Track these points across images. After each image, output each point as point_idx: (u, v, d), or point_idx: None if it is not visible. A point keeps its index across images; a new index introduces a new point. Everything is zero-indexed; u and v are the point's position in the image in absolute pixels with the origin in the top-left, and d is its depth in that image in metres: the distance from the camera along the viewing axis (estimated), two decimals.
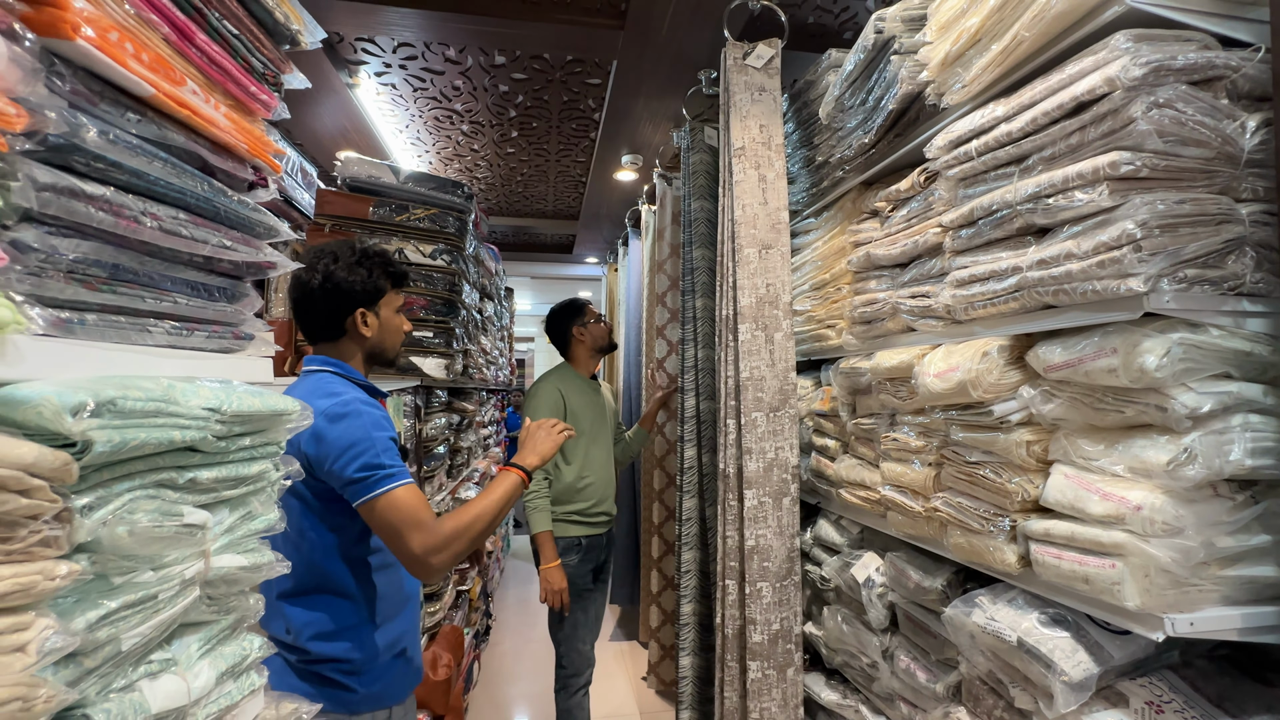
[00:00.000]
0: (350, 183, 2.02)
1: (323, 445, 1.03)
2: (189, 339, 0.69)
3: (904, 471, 1.37)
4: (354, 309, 1.16)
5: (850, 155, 1.58)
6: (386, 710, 1.12)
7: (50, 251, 0.50)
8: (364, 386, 1.16)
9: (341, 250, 1.16)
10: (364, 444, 1.02)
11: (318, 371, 1.14)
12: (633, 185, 3.77)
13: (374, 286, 1.17)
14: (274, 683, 1.05)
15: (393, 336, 1.23)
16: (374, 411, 1.08)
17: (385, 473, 1.02)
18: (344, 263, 1.14)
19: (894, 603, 1.46)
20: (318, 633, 1.06)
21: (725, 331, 1.80)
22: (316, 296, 1.13)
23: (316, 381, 1.11)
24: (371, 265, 1.17)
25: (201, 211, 0.69)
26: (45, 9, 0.49)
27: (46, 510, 0.44)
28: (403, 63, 2.49)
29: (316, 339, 1.17)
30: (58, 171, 0.50)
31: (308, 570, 1.07)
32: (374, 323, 1.18)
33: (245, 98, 0.76)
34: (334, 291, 1.13)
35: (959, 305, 1.20)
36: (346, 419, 1.03)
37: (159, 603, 0.56)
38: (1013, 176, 1.07)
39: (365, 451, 1.02)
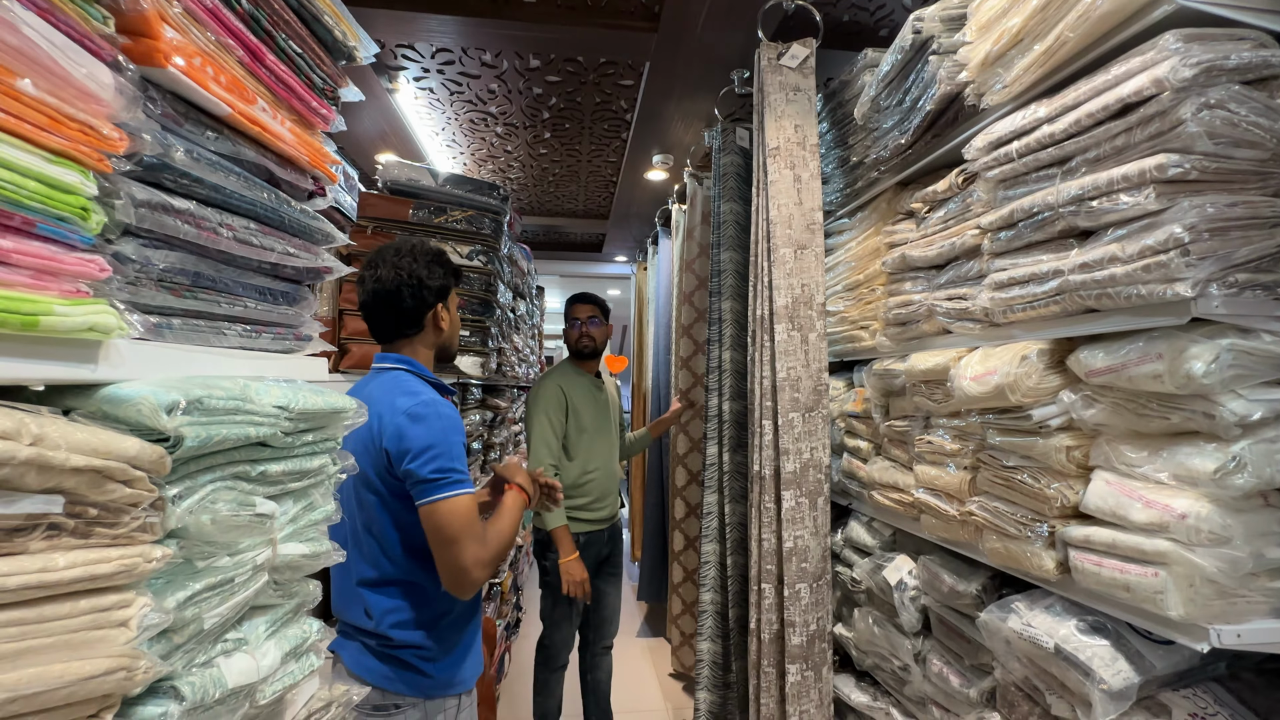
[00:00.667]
0: (391, 186, 2.08)
1: (403, 442, 1.05)
2: (258, 340, 0.74)
3: (938, 475, 1.36)
4: (435, 305, 1.21)
5: (886, 156, 1.57)
6: (456, 697, 1.16)
7: (145, 262, 0.54)
8: (435, 385, 1.19)
9: (417, 249, 1.20)
10: (442, 446, 1.05)
11: (392, 370, 1.16)
12: (663, 185, 3.79)
13: (447, 284, 1.23)
14: (353, 663, 1.13)
15: (456, 331, 1.29)
16: (452, 414, 1.11)
17: (457, 477, 1.05)
18: (421, 261, 1.19)
19: (927, 606, 1.45)
20: (398, 621, 1.10)
21: (760, 332, 1.81)
22: (404, 294, 1.16)
23: (394, 379, 1.13)
24: (444, 263, 1.23)
25: (269, 221, 0.74)
26: (142, 40, 0.53)
27: (145, 499, 0.49)
28: (440, 67, 2.56)
29: (391, 337, 1.20)
30: (151, 189, 0.55)
31: (390, 561, 1.11)
32: (446, 318, 1.24)
33: (307, 112, 0.81)
34: (419, 288, 1.17)
35: (997, 308, 1.18)
36: (427, 420, 1.06)
37: (235, 586, 0.61)
38: (1055, 178, 1.05)
39: (442, 454, 1.05)
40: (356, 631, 1.14)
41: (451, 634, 1.16)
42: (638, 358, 4.73)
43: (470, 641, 1.20)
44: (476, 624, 1.24)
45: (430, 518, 1.04)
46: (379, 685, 1.10)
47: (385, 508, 1.11)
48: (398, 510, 1.10)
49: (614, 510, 2.27)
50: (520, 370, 3.40)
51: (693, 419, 2.90)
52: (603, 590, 2.27)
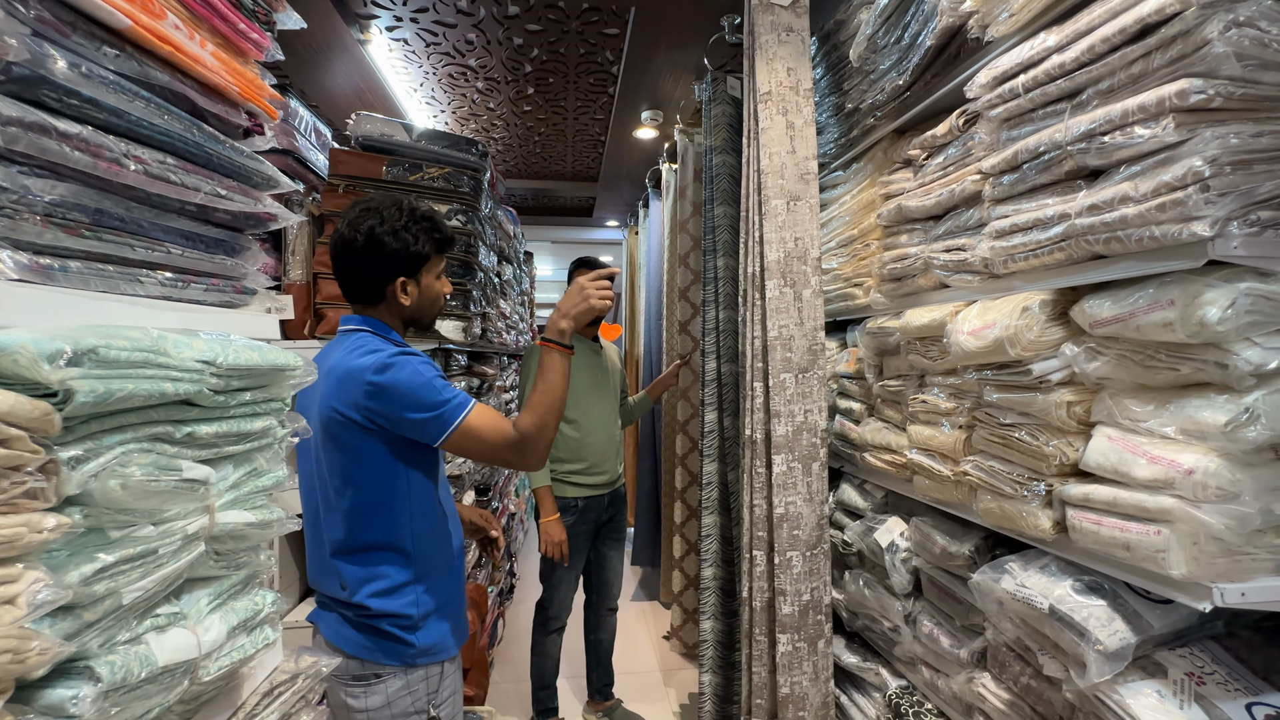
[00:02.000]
0: (363, 141, 1.98)
1: (386, 399, 1.01)
2: (185, 291, 0.67)
3: (933, 435, 1.31)
4: (395, 277, 1.10)
5: (883, 100, 1.48)
6: (439, 664, 1.13)
7: (22, 192, 0.47)
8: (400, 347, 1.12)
9: (388, 211, 1.09)
10: (424, 387, 1.02)
11: (355, 331, 1.10)
12: (653, 144, 3.66)
13: (418, 253, 1.11)
14: (330, 634, 1.10)
15: (432, 304, 1.18)
16: (421, 356, 1.07)
17: (454, 404, 1.03)
18: (389, 225, 1.07)
19: (918, 568, 1.42)
20: (375, 590, 1.06)
21: (751, 289, 1.74)
22: (359, 258, 1.07)
23: (356, 340, 1.07)
24: (418, 230, 1.10)
25: (192, 157, 0.66)
26: None
27: (29, 461, 0.43)
28: (414, 15, 2.41)
29: (354, 300, 1.13)
30: (26, 106, 0.47)
31: (362, 527, 1.07)
32: (414, 291, 1.13)
33: (235, 36, 0.72)
34: (376, 255, 1.07)
35: (998, 258, 1.12)
36: (395, 368, 1.02)
37: (161, 557, 0.55)
38: (1064, 114, 0.97)
39: (427, 392, 1.02)
40: (333, 602, 1.11)
41: (431, 600, 1.12)
42: (630, 324, 4.65)
43: (451, 606, 1.17)
44: (457, 588, 1.20)
45: (456, 447, 1.04)
46: (357, 655, 1.07)
47: (354, 471, 1.06)
48: (367, 472, 1.06)
49: (614, 475, 2.24)
50: (509, 337, 3.33)
51: (694, 383, 2.85)
52: (605, 554, 2.27)
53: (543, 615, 2.24)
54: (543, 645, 2.25)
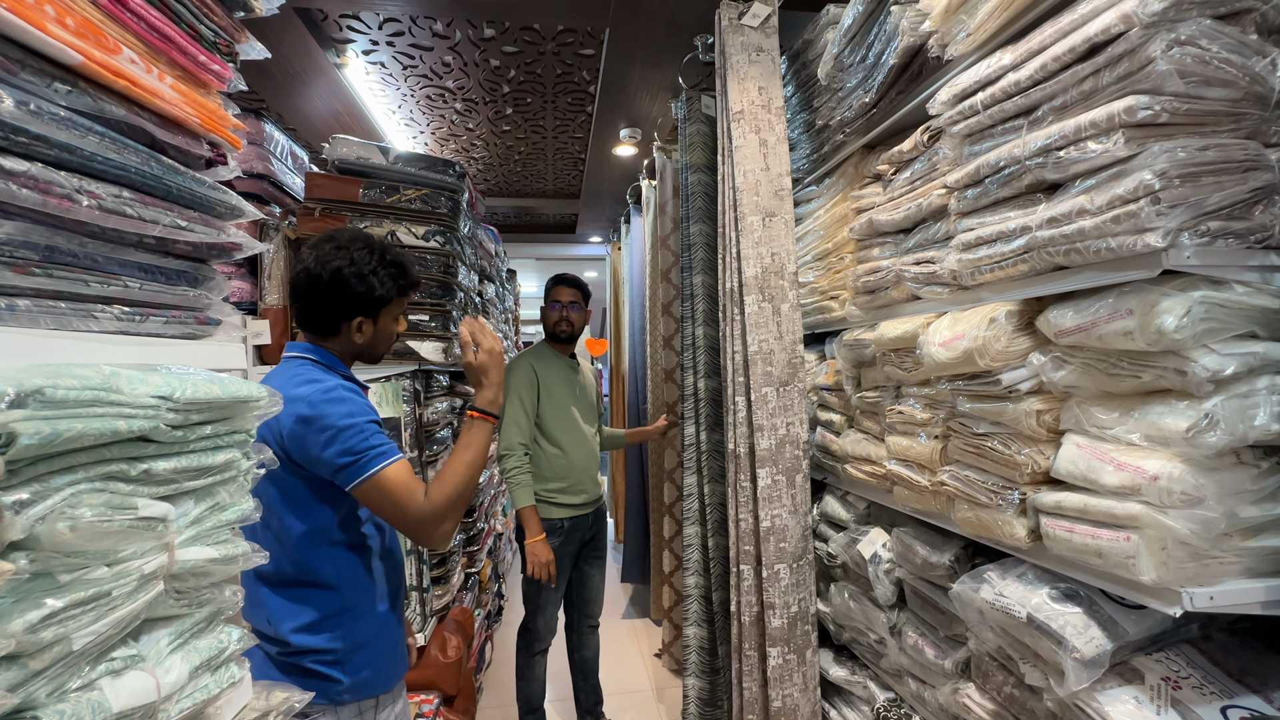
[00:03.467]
0: (339, 164, 1.97)
1: (308, 433, 1.00)
2: (143, 324, 0.66)
3: (910, 445, 1.32)
4: (353, 317, 1.10)
5: (851, 117, 1.51)
6: (374, 699, 1.10)
7: None
8: (345, 377, 1.12)
9: (358, 252, 1.08)
10: (350, 429, 1.00)
11: (298, 358, 1.10)
12: (632, 160, 3.69)
13: (381, 297, 1.11)
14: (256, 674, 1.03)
15: (384, 343, 1.18)
16: (358, 396, 1.06)
17: (375, 452, 1.00)
18: (357, 268, 1.07)
19: (901, 579, 1.42)
20: (298, 625, 1.04)
21: (730, 305, 1.75)
22: (319, 293, 1.07)
23: (297, 368, 1.07)
24: (385, 275, 1.11)
25: (150, 190, 0.65)
26: None
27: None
28: (390, 39, 2.43)
29: (306, 329, 1.13)
30: None
31: (287, 560, 1.04)
32: (369, 331, 1.13)
33: (194, 68, 0.72)
34: (338, 294, 1.07)
35: (965, 270, 1.14)
36: (329, 404, 1.00)
37: (115, 600, 0.54)
38: (1021, 130, 1.00)
39: (353, 435, 1.00)
40: (260, 638, 1.06)
41: (359, 633, 1.08)
42: (615, 339, 4.66)
43: (382, 639, 1.13)
44: (389, 620, 1.15)
45: (365, 497, 1.00)
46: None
47: (288, 501, 1.04)
48: (303, 501, 1.04)
49: (596, 494, 2.22)
50: None
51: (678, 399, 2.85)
52: (587, 573, 2.25)
53: (528, 638, 2.20)
54: (529, 668, 2.22)
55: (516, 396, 2.08)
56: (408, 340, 1.94)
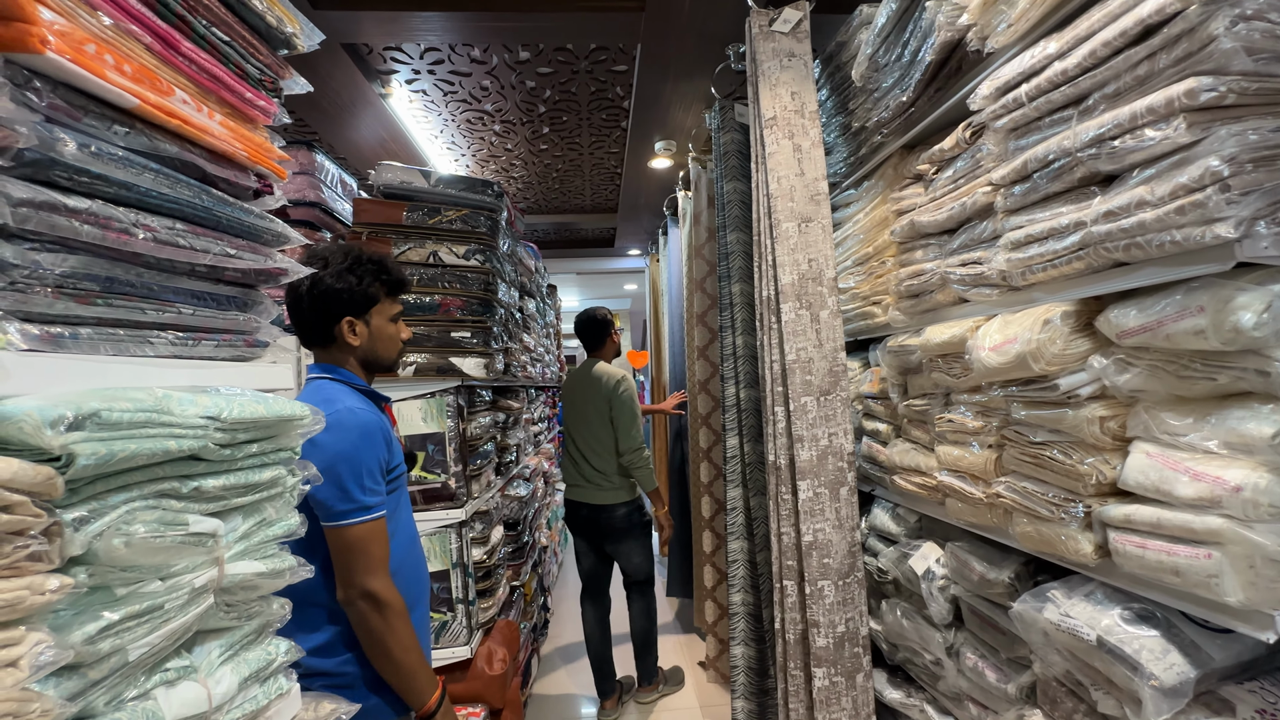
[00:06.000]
0: (384, 190, 2.05)
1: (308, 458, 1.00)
2: (195, 349, 0.69)
3: (962, 455, 1.26)
4: (340, 317, 1.12)
5: (888, 117, 1.47)
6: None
7: (33, 267, 0.50)
8: (364, 392, 1.13)
9: (334, 256, 1.13)
10: (342, 465, 1.01)
11: (316, 379, 1.12)
12: (668, 172, 3.71)
13: (363, 295, 1.13)
14: None
15: (387, 345, 1.18)
16: (365, 423, 1.05)
17: (359, 505, 1.01)
18: (334, 269, 1.11)
19: (957, 596, 1.35)
20: (310, 647, 1.03)
21: (767, 313, 1.72)
22: (304, 303, 1.10)
23: (314, 389, 1.09)
24: (363, 273, 1.13)
25: (201, 221, 0.69)
26: (13, 24, 0.49)
27: (32, 525, 0.44)
28: (431, 67, 2.52)
29: (310, 345, 1.15)
30: (36, 187, 0.50)
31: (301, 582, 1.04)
32: (363, 331, 1.14)
33: (242, 105, 0.76)
34: (320, 298, 1.10)
35: (1015, 270, 1.08)
36: (330, 431, 1.00)
37: (167, 612, 0.56)
38: (1070, 120, 0.95)
39: (342, 474, 1.01)
40: None
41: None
42: (655, 350, 4.66)
43: None
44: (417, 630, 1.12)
45: (330, 540, 1.01)
46: None
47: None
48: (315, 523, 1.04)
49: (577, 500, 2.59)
50: (534, 370, 3.37)
51: (715, 409, 2.82)
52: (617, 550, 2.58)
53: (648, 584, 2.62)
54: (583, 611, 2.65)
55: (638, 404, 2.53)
56: (450, 357, 1.99)
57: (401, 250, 1.99)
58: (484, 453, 2.46)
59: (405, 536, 1.15)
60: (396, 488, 1.13)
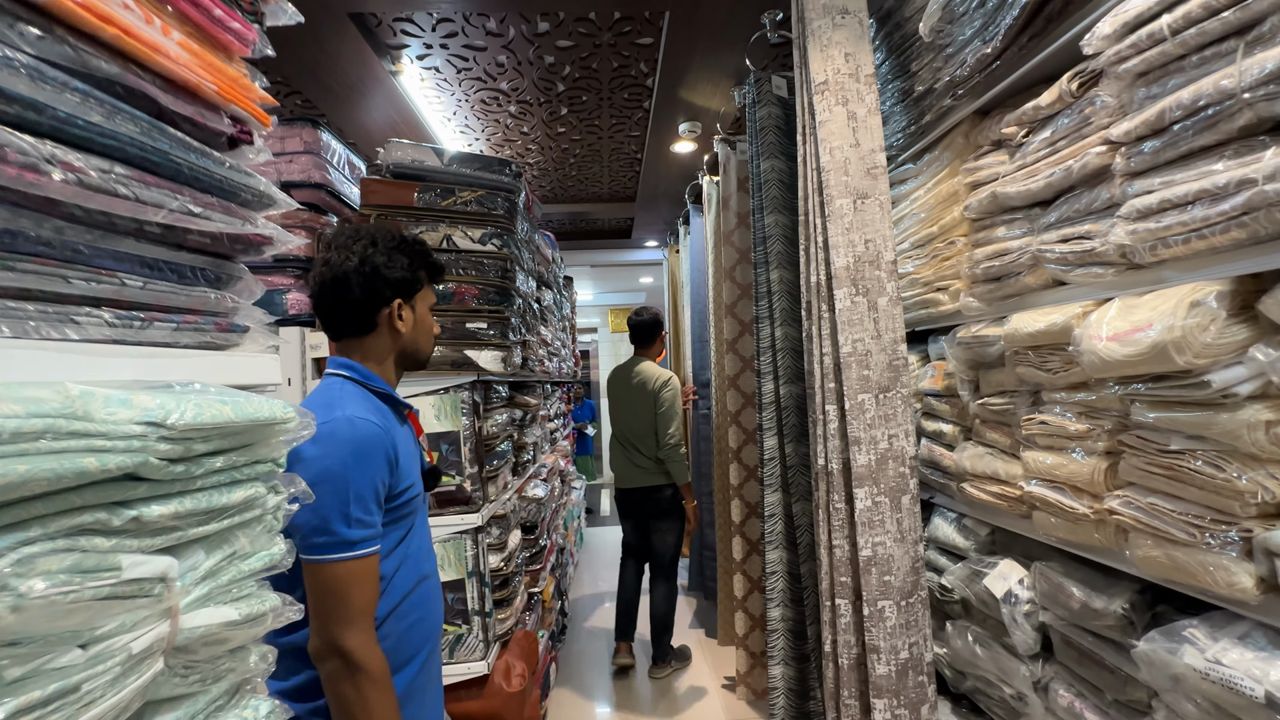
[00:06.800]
0: (394, 169, 1.90)
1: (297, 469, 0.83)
2: (144, 332, 0.54)
3: (1060, 463, 1.08)
4: (391, 300, 1.00)
5: (965, 74, 1.28)
6: None
7: None
8: (381, 395, 0.98)
9: (380, 234, 1.01)
10: (325, 487, 0.83)
11: (332, 375, 0.98)
12: (691, 158, 3.53)
13: (414, 277, 1.03)
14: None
15: (426, 336, 1.08)
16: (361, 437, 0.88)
17: (331, 539, 0.84)
18: (383, 247, 0.99)
19: (1046, 624, 1.18)
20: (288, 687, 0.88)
21: (817, 301, 1.55)
22: (351, 283, 0.96)
23: (324, 389, 0.95)
24: (413, 253, 1.03)
25: (152, 167, 0.53)
26: None
27: None
28: (444, 41, 2.36)
29: (340, 334, 1.00)
30: None
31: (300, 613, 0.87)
32: (409, 317, 1.03)
33: (210, 25, 0.60)
34: (371, 278, 0.97)
35: (1142, 243, 0.90)
36: (318, 444, 0.85)
37: (89, 694, 0.41)
38: (1233, 55, 0.77)
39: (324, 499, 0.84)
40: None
41: None
42: (675, 344, 4.49)
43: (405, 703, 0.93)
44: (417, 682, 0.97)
45: (305, 576, 0.85)
46: None
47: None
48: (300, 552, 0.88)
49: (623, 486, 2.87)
50: (551, 365, 3.21)
51: (744, 407, 2.65)
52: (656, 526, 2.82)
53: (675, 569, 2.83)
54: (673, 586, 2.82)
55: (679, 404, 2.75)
56: (466, 350, 1.84)
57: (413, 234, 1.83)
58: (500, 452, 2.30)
59: (413, 572, 0.98)
60: (408, 514, 0.97)
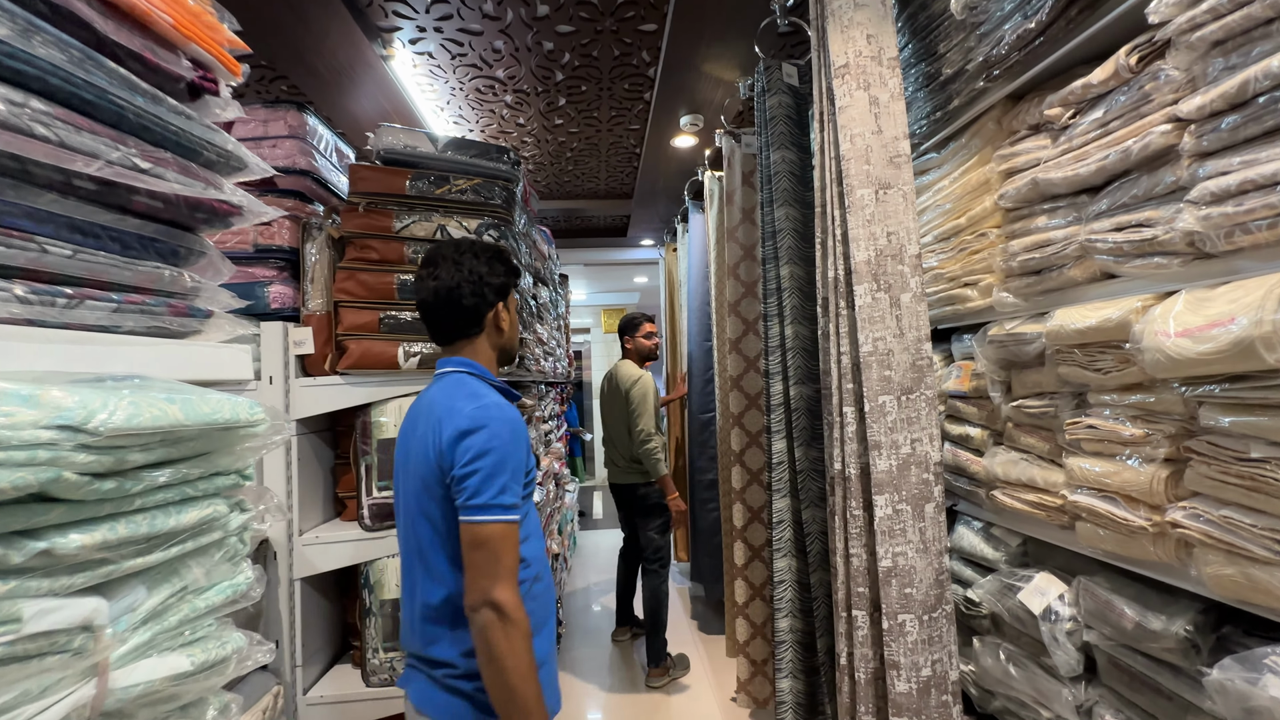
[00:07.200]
0: (385, 154, 1.79)
1: (459, 447, 0.98)
2: (72, 312, 0.43)
3: (1112, 470, 1.00)
4: (495, 303, 1.16)
5: (1003, 53, 1.20)
6: None
7: None
8: (499, 389, 1.13)
9: (477, 246, 1.17)
10: (494, 459, 0.97)
11: (454, 373, 1.11)
12: (691, 153, 3.44)
13: (507, 281, 1.18)
14: (418, 698, 1.03)
15: (516, 333, 1.23)
16: (515, 420, 1.04)
17: (499, 505, 0.96)
18: (484, 258, 1.15)
19: (1092, 644, 1.09)
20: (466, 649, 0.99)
21: (834, 298, 1.46)
22: (463, 292, 1.11)
23: (457, 382, 1.08)
24: (504, 260, 1.18)
25: (86, 107, 0.43)
26: None
27: None
28: (438, 24, 2.25)
29: (450, 339, 1.14)
30: None
31: (454, 583, 1.00)
32: (506, 317, 1.19)
33: None
34: (479, 286, 1.12)
35: (1216, 229, 0.82)
36: (486, 429, 0.98)
37: None
38: None
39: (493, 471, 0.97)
40: (421, 662, 1.04)
41: None
42: (671, 345, 4.40)
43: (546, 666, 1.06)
44: (550, 650, 1.11)
45: (464, 534, 0.97)
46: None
47: (445, 521, 1.01)
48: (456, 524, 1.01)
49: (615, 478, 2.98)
50: (546, 364, 3.11)
51: (748, 408, 2.56)
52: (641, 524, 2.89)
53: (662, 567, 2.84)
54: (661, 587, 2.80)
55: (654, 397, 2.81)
56: None
57: (405, 224, 1.73)
58: None
59: (537, 545, 1.11)
60: (530, 493, 1.10)
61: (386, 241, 1.71)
